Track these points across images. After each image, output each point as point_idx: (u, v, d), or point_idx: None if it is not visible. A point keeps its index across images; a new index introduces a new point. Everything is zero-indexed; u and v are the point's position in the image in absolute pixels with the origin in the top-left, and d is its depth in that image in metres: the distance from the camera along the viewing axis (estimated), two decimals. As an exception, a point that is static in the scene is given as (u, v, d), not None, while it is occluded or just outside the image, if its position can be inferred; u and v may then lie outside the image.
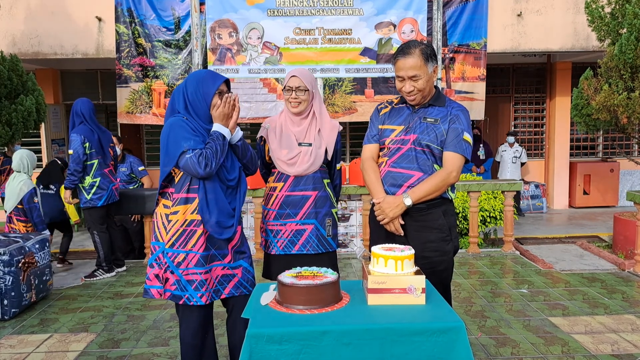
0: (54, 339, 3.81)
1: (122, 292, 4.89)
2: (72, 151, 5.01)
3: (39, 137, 9.47)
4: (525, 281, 4.99)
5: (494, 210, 6.81)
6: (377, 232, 2.70)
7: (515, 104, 10.58)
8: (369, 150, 2.76)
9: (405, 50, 2.54)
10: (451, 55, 7.54)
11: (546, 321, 3.95)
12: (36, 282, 4.49)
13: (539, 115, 10.60)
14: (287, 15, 7.09)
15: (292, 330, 1.88)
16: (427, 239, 2.57)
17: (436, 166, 2.58)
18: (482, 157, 9.46)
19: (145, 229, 5.95)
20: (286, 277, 2.12)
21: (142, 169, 6.31)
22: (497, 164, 9.72)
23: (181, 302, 2.59)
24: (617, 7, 6.25)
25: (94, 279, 5.25)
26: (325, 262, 2.99)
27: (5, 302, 4.18)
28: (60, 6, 7.73)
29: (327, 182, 3.08)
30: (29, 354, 3.55)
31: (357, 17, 7.13)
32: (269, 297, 2.15)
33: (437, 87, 2.71)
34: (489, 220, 6.83)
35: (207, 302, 2.60)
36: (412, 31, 7.20)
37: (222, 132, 2.56)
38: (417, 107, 2.65)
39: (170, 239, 2.59)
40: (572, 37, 8.05)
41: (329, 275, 2.13)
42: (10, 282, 4.20)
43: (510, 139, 9.44)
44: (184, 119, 2.57)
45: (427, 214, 2.58)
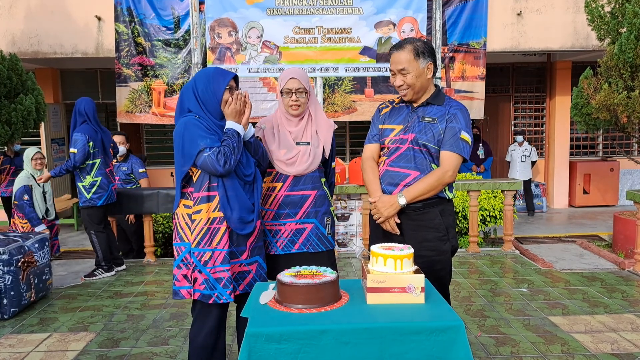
0: (54, 338, 3.81)
1: (121, 291, 4.89)
2: (76, 150, 5.00)
3: (39, 136, 9.47)
4: (525, 280, 4.99)
5: (493, 209, 6.81)
6: (376, 232, 2.72)
7: (515, 103, 10.57)
8: (369, 150, 2.79)
9: (398, 44, 2.59)
10: (451, 54, 7.54)
11: (546, 320, 3.95)
12: (36, 281, 4.49)
13: (539, 114, 10.60)
14: (287, 14, 7.08)
15: (291, 329, 1.87)
16: (424, 238, 2.57)
17: (434, 165, 2.59)
18: (482, 156, 9.45)
19: (144, 229, 5.94)
20: (285, 276, 2.11)
21: (142, 170, 6.28)
22: (508, 164, 9.73)
23: (211, 302, 2.60)
24: (617, 6, 6.24)
25: (94, 279, 5.25)
26: (325, 260, 2.98)
27: (4, 301, 4.17)
28: (59, 5, 7.72)
29: (323, 180, 3.07)
30: (28, 354, 3.55)
31: (357, 16, 7.12)
32: (268, 296, 2.15)
33: (437, 86, 2.70)
34: (488, 219, 6.83)
35: (234, 299, 2.62)
36: (412, 30, 7.20)
37: (236, 129, 2.58)
38: (415, 105, 2.65)
39: (195, 239, 2.60)
40: (572, 36, 8.04)
41: (328, 274, 2.13)
42: (9, 282, 4.19)
43: (518, 138, 9.44)
44: (197, 118, 2.57)
45: (423, 213, 2.58)
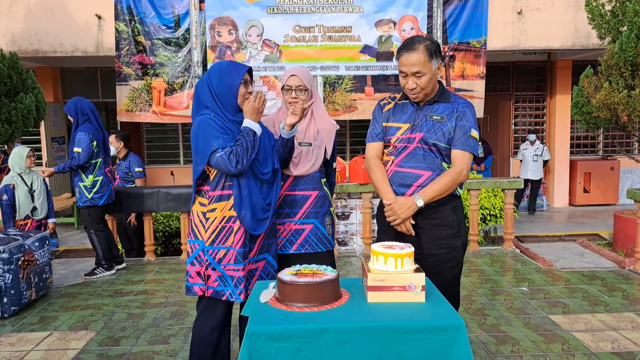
0: (54, 337, 3.81)
1: (122, 290, 4.88)
2: (80, 149, 4.99)
3: (39, 135, 9.47)
4: (525, 279, 4.98)
5: (494, 208, 6.81)
6: (386, 232, 2.63)
7: (515, 102, 10.56)
8: (373, 148, 2.71)
9: (409, 45, 2.47)
10: (451, 53, 7.53)
11: (546, 319, 3.94)
12: (36, 280, 4.49)
13: (539, 113, 10.59)
14: (287, 12, 7.07)
15: (292, 327, 1.87)
16: (438, 236, 2.54)
17: (444, 164, 2.54)
18: (482, 155, 9.46)
19: (145, 227, 5.94)
20: (286, 274, 2.11)
21: (139, 170, 6.23)
22: (519, 163, 9.73)
23: (224, 298, 2.60)
24: (618, 4, 6.23)
25: (94, 277, 5.25)
26: (324, 260, 2.96)
27: (4, 300, 4.17)
28: (59, 4, 7.71)
29: (324, 181, 3.06)
30: (29, 352, 3.55)
31: (357, 14, 7.11)
32: (268, 294, 2.15)
33: (440, 83, 2.63)
34: (489, 218, 6.83)
35: (244, 299, 2.59)
36: (412, 29, 7.19)
37: (252, 127, 2.55)
38: (421, 103, 2.59)
39: (210, 237, 2.60)
40: (572, 35, 8.03)
41: (328, 272, 2.13)
42: (10, 280, 4.19)
43: (531, 137, 9.44)
44: (212, 117, 2.56)
45: (437, 211, 2.54)
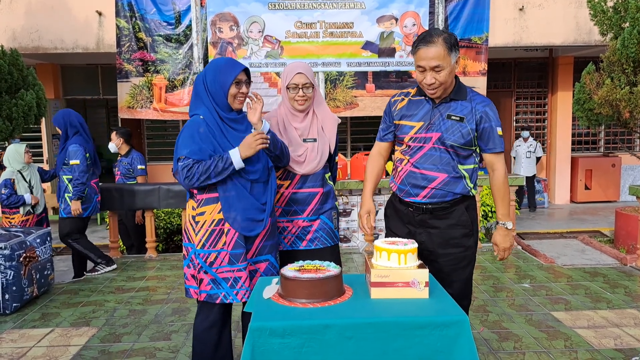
0: (56, 333, 3.81)
1: (123, 286, 4.88)
2: (78, 161, 4.97)
3: (40, 132, 9.47)
4: (527, 276, 4.98)
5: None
6: (398, 231, 2.60)
7: (517, 98, 10.55)
8: (377, 147, 2.70)
9: (427, 38, 2.35)
10: (453, 49, 7.50)
11: (549, 315, 3.94)
12: (37, 276, 4.49)
13: (540, 110, 10.58)
14: (289, 8, 7.05)
15: (295, 323, 1.86)
16: (451, 235, 2.51)
17: (460, 166, 2.47)
18: None
19: (146, 224, 5.93)
20: (289, 270, 2.10)
21: (141, 167, 6.20)
22: (512, 159, 9.71)
23: (218, 301, 2.59)
24: (620, 1, 6.22)
25: (96, 274, 5.24)
26: (332, 254, 2.98)
27: (6, 296, 4.17)
28: (60, 1, 7.70)
29: (328, 176, 3.05)
30: (31, 349, 3.54)
31: (359, 10, 7.09)
32: (271, 290, 2.14)
33: (457, 78, 2.50)
34: (490, 215, 6.82)
35: (242, 299, 2.58)
36: (414, 25, 7.17)
37: (233, 159, 2.49)
38: (437, 100, 2.47)
39: (200, 240, 2.58)
40: (574, 31, 8.01)
41: (331, 269, 2.12)
42: (11, 277, 4.19)
43: (524, 134, 9.43)
44: (201, 119, 2.55)
45: (451, 211, 2.50)
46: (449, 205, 2.49)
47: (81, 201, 5.06)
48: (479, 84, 7.59)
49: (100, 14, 7.71)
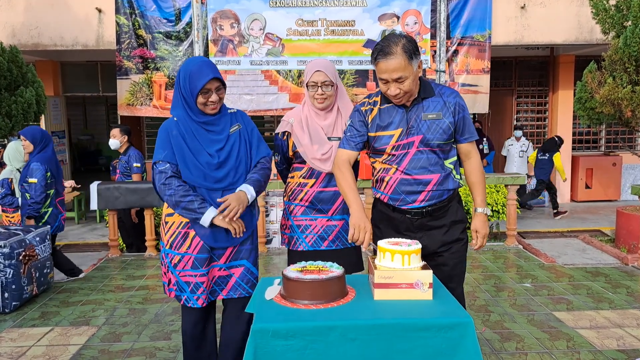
0: (55, 332, 3.79)
1: (123, 285, 4.86)
2: (36, 180, 4.73)
3: (39, 129, 9.42)
4: (528, 275, 4.96)
5: (496, 204, 6.78)
6: (388, 233, 2.52)
7: (517, 97, 10.52)
8: (346, 154, 2.48)
9: (385, 49, 2.24)
10: (454, 47, 7.48)
11: (550, 316, 3.92)
12: (37, 274, 4.47)
13: (541, 108, 10.55)
14: (290, 6, 7.02)
15: (298, 325, 1.84)
16: (452, 232, 2.49)
17: (446, 162, 2.45)
18: (486, 150, 9.42)
19: (145, 222, 5.91)
20: (291, 271, 2.08)
21: (137, 165, 6.11)
22: (504, 159, 9.68)
23: (181, 303, 2.59)
24: (622, -1, 6.19)
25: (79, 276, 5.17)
26: (353, 256, 2.94)
27: (5, 295, 4.15)
28: (60, -3, 7.67)
29: None
30: (30, 348, 3.52)
31: (361, 8, 7.07)
32: (273, 291, 2.12)
33: (419, 77, 2.41)
34: (491, 214, 6.80)
35: (203, 304, 2.55)
36: (416, 23, 7.15)
37: (205, 216, 2.43)
38: (408, 104, 2.40)
39: (168, 241, 2.57)
40: (575, 29, 7.98)
41: (334, 269, 2.10)
42: (10, 275, 4.17)
43: (517, 133, 9.39)
44: (175, 121, 2.51)
45: (449, 208, 2.47)
46: (445, 203, 2.47)
47: (34, 219, 4.85)
48: (482, 82, 7.57)
49: (100, 11, 7.67)
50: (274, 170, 3.04)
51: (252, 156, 2.64)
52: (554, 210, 9.03)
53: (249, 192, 2.53)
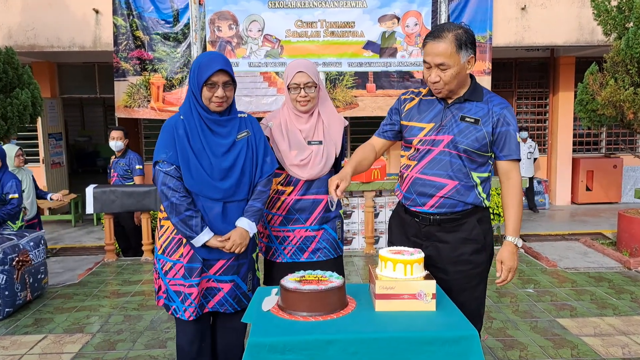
0: (49, 339, 3.71)
1: (119, 290, 4.79)
2: (17, 195, 4.72)
3: (36, 131, 9.35)
4: (530, 280, 4.89)
5: (497, 207, 6.71)
6: (403, 243, 2.39)
7: (518, 99, 10.46)
8: (373, 139, 2.47)
9: (436, 32, 2.16)
10: (455, 49, 7.41)
11: (554, 322, 3.85)
12: (31, 280, 4.39)
13: (541, 110, 10.49)
14: (289, 7, 6.95)
15: (296, 339, 1.77)
16: (462, 251, 2.29)
17: (474, 174, 2.26)
18: None
19: (142, 226, 5.83)
20: (289, 281, 2.01)
21: (139, 167, 6.07)
22: None
23: (169, 313, 2.49)
24: (624, 0, 6.13)
25: None
26: (335, 267, 2.83)
27: (-2, 301, 4.08)
28: (56, -2, 7.59)
29: None
30: (22, 356, 3.44)
31: (361, 9, 7.00)
32: (270, 302, 2.05)
33: (473, 78, 2.31)
34: (492, 217, 6.74)
35: (190, 317, 2.43)
36: (416, 24, 7.08)
37: (199, 237, 2.35)
38: (449, 101, 2.28)
39: (161, 246, 2.48)
40: (576, 31, 7.92)
41: (334, 279, 2.03)
42: (4, 281, 4.09)
43: (523, 134, 9.33)
44: (181, 119, 2.40)
45: (462, 224, 2.29)
46: (459, 216, 2.28)
47: None
48: (483, 84, 7.42)
49: (97, 12, 7.59)
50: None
51: (257, 169, 2.51)
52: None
53: (251, 231, 2.46)
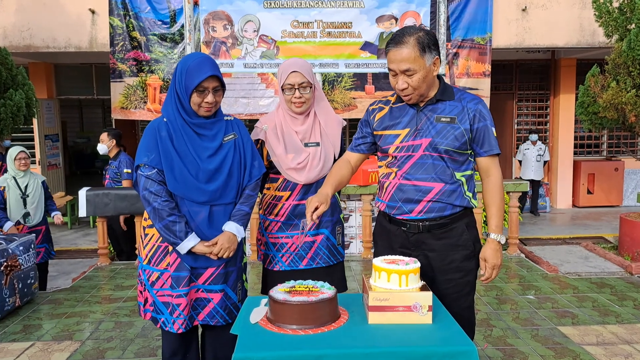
0: (36, 347, 3.61)
1: (111, 296, 4.69)
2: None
3: (32, 132, 9.27)
4: (531, 286, 4.79)
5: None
6: (389, 252, 2.29)
7: (518, 101, 10.38)
8: (347, 155, 2.42)
9: (397, 38, 2.10)
10: (455, 50, 7.33)
11: (555, 330, 3.75)
12: (20, 285, 4.29)
13: (542, 112, 10.40)
14: (285, 7, 6.86)
15: (284, 354, 1.68)
16: (452, 258, 2.20)
17: (457, 174, 2.19)
18: None
19: (135, 229, 5.73)
20: (278, 292, 1.92)
21: (127, 171, 5.95)
22: (519, 164, 9.54)
23: (158, 326, 2.39)
24: (626, 1, 6.05)
25: None
26: (336, 273, 2.73)
27: (-14, 307, 3.98)
28: (52, -2, 7.51)
29: None
30: (9, 364, 3.35)
31: (358, 9, 6.90)
32: (259, 313, 1.96)
33: (440, 78, 2.25)
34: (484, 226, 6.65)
35: (179, 330, 2.33)
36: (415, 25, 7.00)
37: (184, 243, 2.26)
38: (421, 104, 2.21)
39: (147, 255, 2.37)
40: (577, 32, 7.85)
41: (325, 290, 1.93)
42: (-8, 286, 4.00)
43: (533, 137, 9.26)
44: (165, 122, 2.32)
45: (450, 229, 2.20)
46: (448, 221, 2.20)
47: None
48: (483, 86, 7.42)
49: (93, 12, 7.52)
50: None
51: (246, 172, 2.44)
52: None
53: (239, 235, 2.38)
